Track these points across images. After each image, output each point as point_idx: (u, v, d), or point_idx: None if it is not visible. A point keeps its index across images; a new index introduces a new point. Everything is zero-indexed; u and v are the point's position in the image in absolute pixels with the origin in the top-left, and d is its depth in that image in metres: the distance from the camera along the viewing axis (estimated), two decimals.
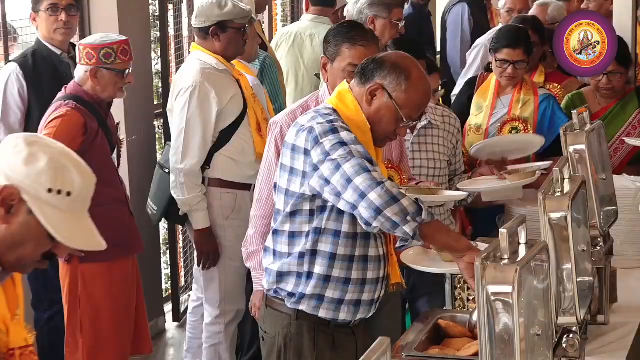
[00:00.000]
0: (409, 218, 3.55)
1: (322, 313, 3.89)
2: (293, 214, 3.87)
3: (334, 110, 3.85)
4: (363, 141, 3.78)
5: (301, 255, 3.87)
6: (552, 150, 5.79)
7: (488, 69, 6.34)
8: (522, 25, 6.61)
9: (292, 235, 3.89)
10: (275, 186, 3.95)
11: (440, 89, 5.64)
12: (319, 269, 3.85)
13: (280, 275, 3.93)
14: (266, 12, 9.09)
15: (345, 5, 7.10)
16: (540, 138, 5.59)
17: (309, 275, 3.86)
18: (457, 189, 4.97)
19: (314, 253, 3.84)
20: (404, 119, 3.81)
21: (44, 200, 2.58)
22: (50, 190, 2.58)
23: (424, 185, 4.62)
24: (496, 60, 5.89)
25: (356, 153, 3.66)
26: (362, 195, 3.59)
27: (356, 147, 3.67)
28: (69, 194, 2.60)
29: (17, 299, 2.73)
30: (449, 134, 4.97)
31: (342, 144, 3.68)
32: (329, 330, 3.94)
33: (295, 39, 7.52)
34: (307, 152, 3.74)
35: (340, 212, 3.78)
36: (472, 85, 6.39)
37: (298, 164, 3.78)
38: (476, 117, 5.94)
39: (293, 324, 3.94)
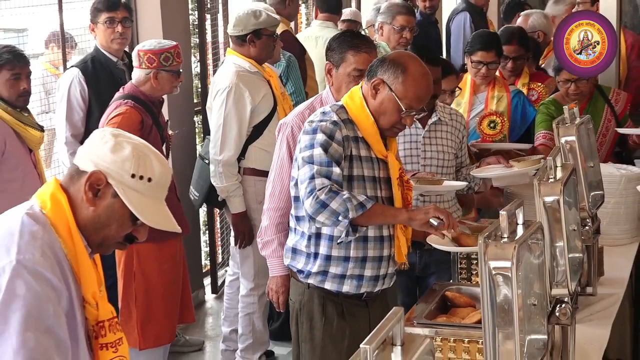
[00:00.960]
0: (340, 218, 3.63)
1: (328, 285, 3.92)
2: (296, 199, 3.91)
3: (342, 107, 3.87)
4: (369, 132, 3.82)
5: (308, 238, 3.90)
6: (525, 137, 5.95)
7: (463, 70, 6.34)
8: (510, 36, 6.51)
9: (298, 219, 3.94)
10: (292, 178, 3.96)
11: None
12: (322, 249, 3.88)
13: (294, 252, 3.99)
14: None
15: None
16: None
17: (315, 255, 3.90)
18: (470, 176, 4.96)
19: (318, 236, 3.88)
20: (404, 109, 3.76)
21: (128, 185, 2.60)
22: (133, 176, 2.60)
23: (422, 176, 4.61)
24: (471, 62, 5.85)
25: (316, 157, 3.71)
26: (303, 200, 3.72)
27: (319, 152, 3.71)
28: (149, 179, 2.63)
29: (100, 277, 2.72)
30: (456, 129, 4.94)
31: (311, 146, 3.74)
32: (338, 299, 3.96)
33: (305, 41, 7.52)
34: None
35: None
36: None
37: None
38: None
39: (306, 292, 3.99)
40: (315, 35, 7.57)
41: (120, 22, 5.91)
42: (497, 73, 6.23)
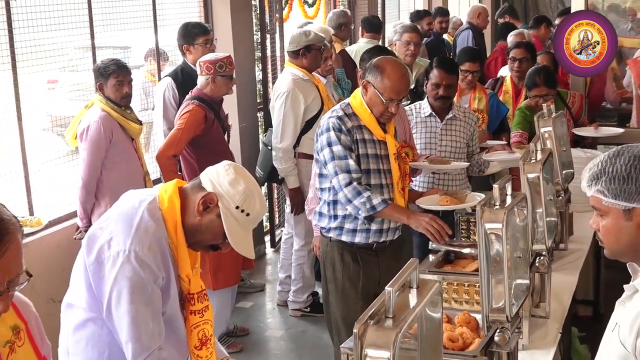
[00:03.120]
0: (360, 212, 3.76)
1: (344, 238, 3.93)
2: (320, 175, 3.95)
3: (348, 104, 3.89)
4: (368, 121, 3.81)
5: (328, 204, 3.92)
6: (499, 128, 5.85)
7: None
8: (526, 45, 6.37)
9: (322, 190, 3.95)
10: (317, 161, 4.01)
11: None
12: (339, 212, 3.90)
13: (320, 215, 4.01)
14: None
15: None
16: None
17: (335, 217, 3.92)
18: (482, 160, 4.96)
19: (335, 202, 3.89)
20: (385, 100, 3.71)
21: (231, 212, 2.60)
22: (237, 207, 2.61)
23: (434, 158, 4.59)
24: (460, 71, 5.74)
25: (335, 153, 3.78)
26: (338, 191, 3.79)
27: (337, 148, 3.78)
28: (248, 214, 2.63)
29: (196, 258, 2.73)
30: (468, 124, 4.91)
31: (329, 144, 3.80)
32: (353, 249, 3.94)
33: (356, 55, 7.49)
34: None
35: None
36: None
37: None
38: None
39: (329, 244, 4.00)
40: (362, 50, 7.54)
41: (211, 41, 5.94)
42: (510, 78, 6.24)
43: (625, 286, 2.21)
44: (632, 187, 2.08)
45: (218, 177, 2.63)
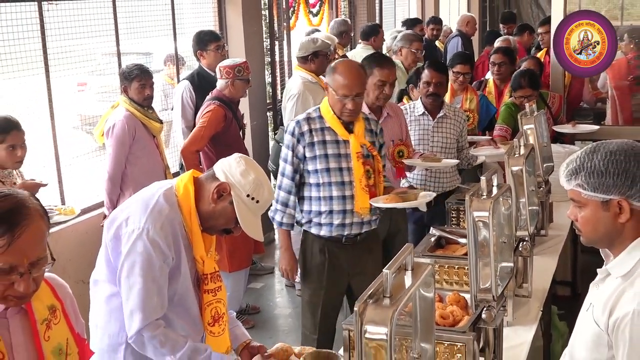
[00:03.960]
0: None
1: (313, 230, 3.80)
2: None
3: (318, 108, 3.79)
4: (332, 122, 3.70)
5: (299, 199, 3.81)
6: (487, 126, 5.84)
7: None
8: (505, 50, 6.40)
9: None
10: None
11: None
12: (306, 207, 3.79)
13: (300, 210, 3.88)
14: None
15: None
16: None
17: (304, 211, 3.80)
18: (470, 154, 4.95)
19: (302, 198, 3.79)
20: (339, 97, 3.60)
21: (242, 200, 2.61)
22: (248, 195, 2.61)
23: (427, 156, 4.53)
24: (452, 72, 5.74)
25: (283, 156, 3.76)
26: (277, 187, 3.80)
27: (285, 152, 3.75)
28: (257, 201, 2.63)
29: (211, 242, 2.73)
30: (458, 122, 4.89)
31: (286, 147, 3.76)
32: (321, 241, 3.80)
33: (353, 59, 7.50)
34: None
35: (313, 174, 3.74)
36: None
37: None
38: None
39: (302, 234, 3.88)
40: (359, 55, 7.52)
41: (223, 47, 5.93)
42: (492, 81, 6.23)
43: (598, 270, 2.21)
44: (610, 181, 2.08)
45: (230, 168, 2.63)
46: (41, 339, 2.00)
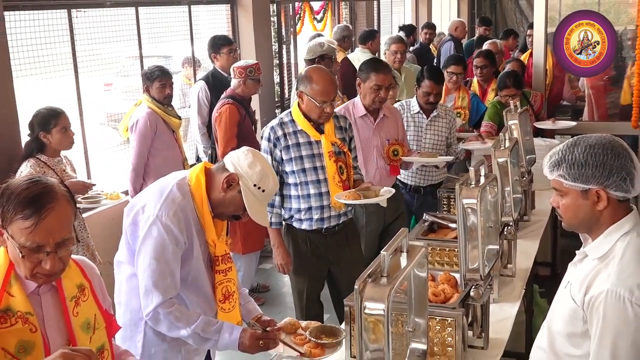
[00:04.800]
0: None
1: (295, 224, 3.76)
2: None
3: (290, 112, 3.70)
4: (304, 125, 3.62)
5: (282, 197, 3.74)
6: (478, 122, 5.76)
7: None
8: (486, 54, 6.33)
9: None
10: None
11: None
12: (287, 205, 3.74)
13: (285, 208, 3.81)
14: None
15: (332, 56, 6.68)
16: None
17: (286, 208, 3.75)
18: (459, 149, 4.90)
19: (284, 196, 3.73)
20: (319, 104, 3.52)
21: (250, 189, 2.60)
22: (255, 185, 2.60)
23: (423, 152, 4.52)
24: (446, 73, 5.68)
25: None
26: None
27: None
28: (264, 190, 2.62)
29: (222, 227, 2.73)
30: (448, 121, 4.84)
31: (264, 151, 3.65)
32: (303, 233, 3.76)
33: (353, 61, 7.46)
34: None
35: (291, 175, 3.67)
36: None
37: None
38: None
39: (286, 228, 3.83)
40: (358, 58, 7.50)
41: (235, 50, 5.92)
42: (476, 81, 6.17)
43: (577, 251, 2.21)
44: (589, 172, 2.07)
45: (239, 160, 2.63)
46: (70, 314, 2.00)
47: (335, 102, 3.74)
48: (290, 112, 3.71)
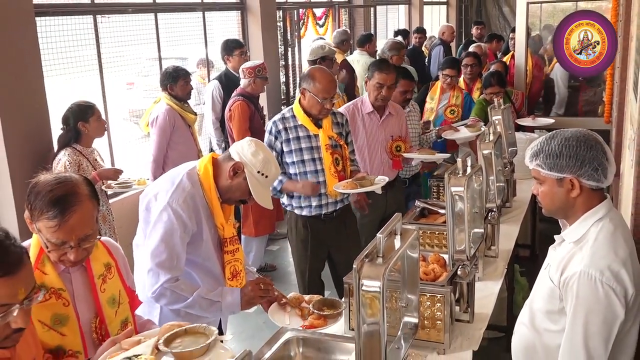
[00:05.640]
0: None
1: (296, 211, 3.76)
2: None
3: (292, 108, 3.68)
4: (303, 120, 3.61)
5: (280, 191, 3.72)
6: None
7: (436, 79, 6.15)
8: (474, 54, 6.32)
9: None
10: None
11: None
12: (289, 192, 3.73)
13: (287, 195, 3.79)
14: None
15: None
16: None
17: (287, 196, 3.74)
18: (439, 137, 4.87)
19: (284, 190, 3.69)
20: (321, 100, 3.54)
21: (254, 175, 2.58)
22: (259, 172, 2.58)
23: (423, 149, 4.49)
24: (442, 75, 5.68)
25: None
26: None
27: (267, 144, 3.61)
28: (267, 176, 2.60)
29: (230, 211, 2.72)
30: (414, 116, 4.84)
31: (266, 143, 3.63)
32: (303, 218, 3.76)
33: (351, 63, 7.45)
34: None
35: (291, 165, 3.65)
36: (427, 88, 6.23)
37: None
38: (429, 104, 5.76)
39: (288, 214, 3.84)
40: (356, 59, 7.47)
41: (245, 53, 5.91)
42: (463, 80, 6.14)
43: (555, 236, 2.21)
44: (563, 162, 2.07)
45: (243, 150, 2.61)
46: (98, 290, 2.02)
47: (335, 100, 3.72)
48: (292, 108, 3.70)
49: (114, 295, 2.07)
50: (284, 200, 3.81)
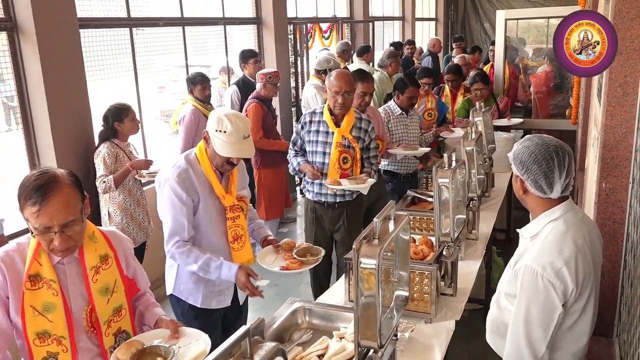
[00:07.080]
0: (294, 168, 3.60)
1: (307, 195, 3.76)
2: None
3: (322, 107, 3.66)
4: (326, 117, 3.59)
5: (299, 178, 3.73)
6: (442, 121, 5.68)
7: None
8: (454, 70, 6.17)
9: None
10: None
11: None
12: (304, 181, 3.74)
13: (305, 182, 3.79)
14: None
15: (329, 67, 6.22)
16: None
17: (301, 180, 3.75)
18: (437, 136, 4.87)
19: (300, 171, 3.67)
20: (333, 94, 3.52)
21: (215, 136, 2.52)
22: (217, 130, 2.51)
23: (405, 145, 4.42)
24: (420, 83, 5.52)
25: (294, 133, 3.69)
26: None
27: (295, 131, 3.65)
28: (224, 132, 2.49)
29: (232, 182, 2.68)
30: (417, 120, 4.81)
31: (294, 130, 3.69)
32: (313, 204, 3.75)
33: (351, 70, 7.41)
34: None
35: (308, 153, 3.65)
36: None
37: None
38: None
39: (305, 200, 3.82)
40: (356, 67, 7.39)
41: (260, 61, 5.88)
42: (448, 88, 6.05)
43: (517, 230, 2.16)
44: (517, 162, 2.04)
45: (210, 121, 2.58)
46: (90, 281, 1.97)
47: (351, 95, 3.58)
48: (324, 105, 3.70)
49: (107, 285, 2.00)
50: (302, 187, 3.82)
